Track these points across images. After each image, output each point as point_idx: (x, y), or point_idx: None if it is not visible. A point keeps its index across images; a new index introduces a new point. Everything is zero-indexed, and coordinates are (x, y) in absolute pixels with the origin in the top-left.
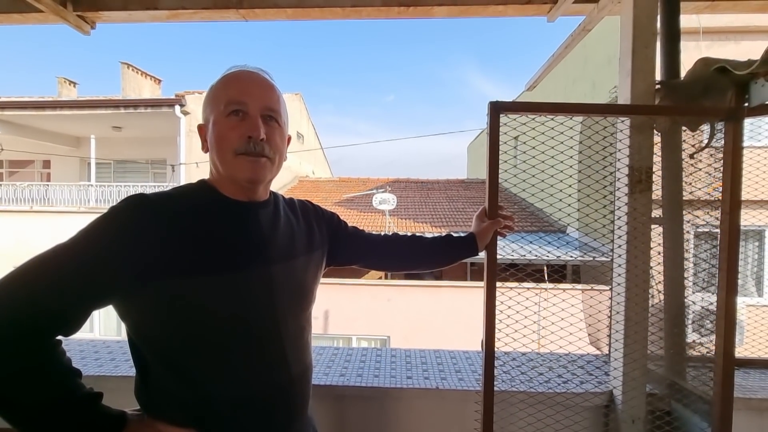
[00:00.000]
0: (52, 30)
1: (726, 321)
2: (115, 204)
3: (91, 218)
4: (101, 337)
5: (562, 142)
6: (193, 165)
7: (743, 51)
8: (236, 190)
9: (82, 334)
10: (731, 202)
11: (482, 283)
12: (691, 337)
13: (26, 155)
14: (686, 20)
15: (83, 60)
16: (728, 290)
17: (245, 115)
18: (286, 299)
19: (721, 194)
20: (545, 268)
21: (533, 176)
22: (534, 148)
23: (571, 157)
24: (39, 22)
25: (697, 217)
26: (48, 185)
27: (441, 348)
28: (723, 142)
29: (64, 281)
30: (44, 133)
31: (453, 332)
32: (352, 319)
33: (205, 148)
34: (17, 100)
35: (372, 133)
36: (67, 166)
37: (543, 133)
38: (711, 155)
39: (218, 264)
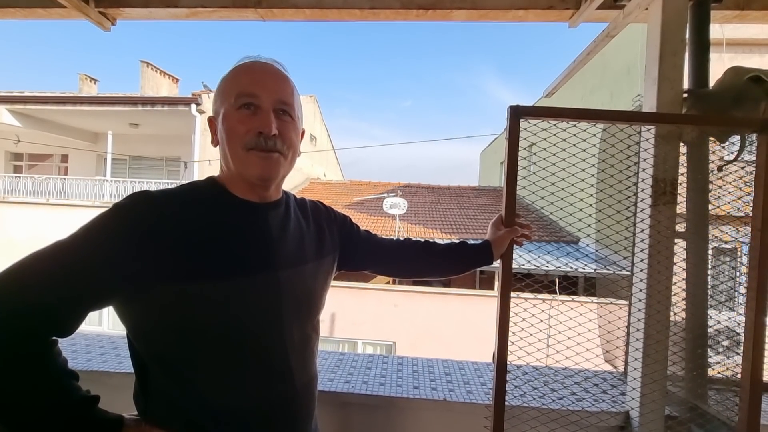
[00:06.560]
0: (77, 28)
1: (754, 343)
2: (118, 200)
3: None
4: (109, 332)
5: (584, 150)
6: (206, 162)
7: None
8: (246, 188)
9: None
10: (763, 218)
11: (491, 293)
12: (714, 358)
13: (45, 149)
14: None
15: (105, 58)
16: (757, 311)
17: (257, 108)
18: (292, 307)
19: (751, 209)
20: (557, 279)
21: (553, 184)
22: (554, 155)
23: (593, 165)
24: (61, 17)
25: (725, 232)
26: (65, 179)
27: (449, 357)
28: (755, 155)
29: (62, 280)
30: (64, 127)
31: (460, 340)
32: (358, 323)
33: (215, 142)
34: (39, 95)
35: (387, 139)
36: (84, 161)
37: (564, 140)
38: (742, 168)
39: (223, 268)
